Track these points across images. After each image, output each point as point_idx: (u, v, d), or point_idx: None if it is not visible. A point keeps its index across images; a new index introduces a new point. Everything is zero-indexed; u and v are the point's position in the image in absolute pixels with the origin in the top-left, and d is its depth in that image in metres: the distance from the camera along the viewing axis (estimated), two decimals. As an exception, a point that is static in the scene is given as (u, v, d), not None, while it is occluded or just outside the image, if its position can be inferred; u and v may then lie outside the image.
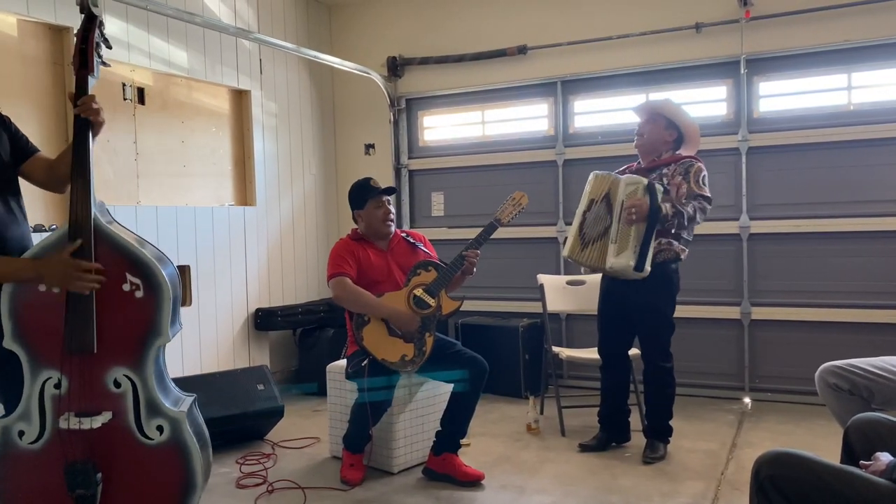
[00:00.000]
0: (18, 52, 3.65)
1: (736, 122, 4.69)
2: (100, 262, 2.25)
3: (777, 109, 4.66)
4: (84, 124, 2.28)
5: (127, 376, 2.32)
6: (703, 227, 3.71)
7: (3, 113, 2.46)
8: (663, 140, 3.61)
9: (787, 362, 4.59)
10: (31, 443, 2.30)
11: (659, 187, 3.43)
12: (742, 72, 4.60)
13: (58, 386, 2.28)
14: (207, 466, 2.44)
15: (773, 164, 4.61)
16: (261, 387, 4.00)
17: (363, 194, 3.52)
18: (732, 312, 4.71)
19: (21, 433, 2.30)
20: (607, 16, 4.92)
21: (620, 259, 3.38)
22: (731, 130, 4.68)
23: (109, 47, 2.44)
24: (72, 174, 2.27)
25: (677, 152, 3.63)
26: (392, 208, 3.53)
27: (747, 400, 4.61)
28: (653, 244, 3.39)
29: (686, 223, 3.42)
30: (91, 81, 2.33)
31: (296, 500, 3.17)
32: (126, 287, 2.28)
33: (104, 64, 2.41)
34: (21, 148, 2.44)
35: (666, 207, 3.38)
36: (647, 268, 3.37)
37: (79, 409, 2.28)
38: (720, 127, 4.70)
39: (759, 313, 4.65)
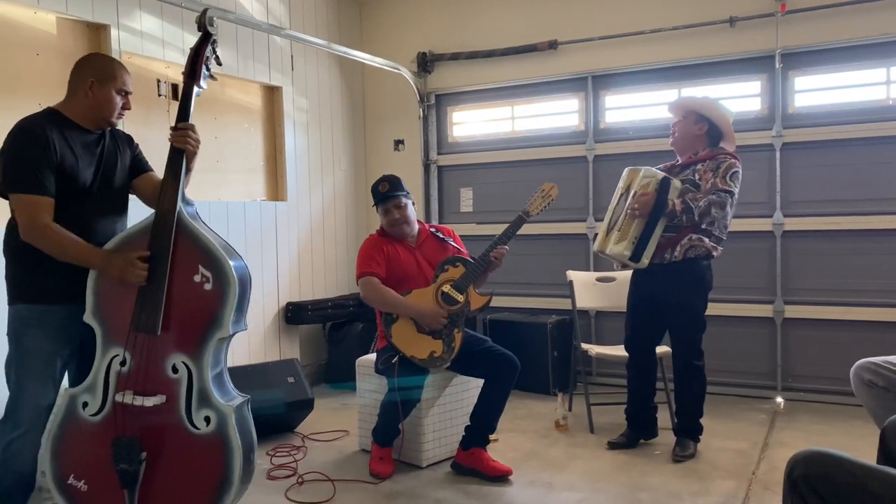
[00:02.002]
0: (57, 49, 3.72)
1: (770, 117, 4.61)
2: (177, 251, 2.43)
3: (813, 105, 4.58)
4: (177, 151, 2.51)
5: (185, 363, 2.43)
6: (735, 224, 3.66)
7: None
8: (693, 135, 3.56)
9: (821, 362, 4.52)
10: (93, 414, 2.44)
11: (676, 183, 3.40)
12: (777, 66, 4.53)
13: (123, 364, 2.42)
14: (248, 469, 2.47)
15: (808, 161, 4.53)
16: (291, 379, 4.05)
17: (374, 200, 3.56)
18: (765, 311, 4.65)
19: (85, 404, 2.45)
20: (639, 10, 4.87)
21: (617, 247, 3.41)
22: (766, 126, 4.61)
23: (220, 64, 2.69)
24: (164, 173, 2.51)
25: (717, 148, 3.58)
26: (401, 212, 3.49)
27: (780, 399, 4.55)
28: (655, 238, 3.39)
29: (697, 218, 3.37)
30: (197, 91, 2.57)
31: (325, 493, 3.21)
32: (197, 278, 2.43)
33: (212, 78, 2.63)
34: (138, 165, 2.74)
35: (675, 203, 3.36)
36: (646, 260, 3.40)
37: (137, 389, 2.41)
38: (754, 123, 4.63)
39: (793, 311, 4.58)
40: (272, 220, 5.00)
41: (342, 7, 5.68)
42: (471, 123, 5.74)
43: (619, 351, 4.03)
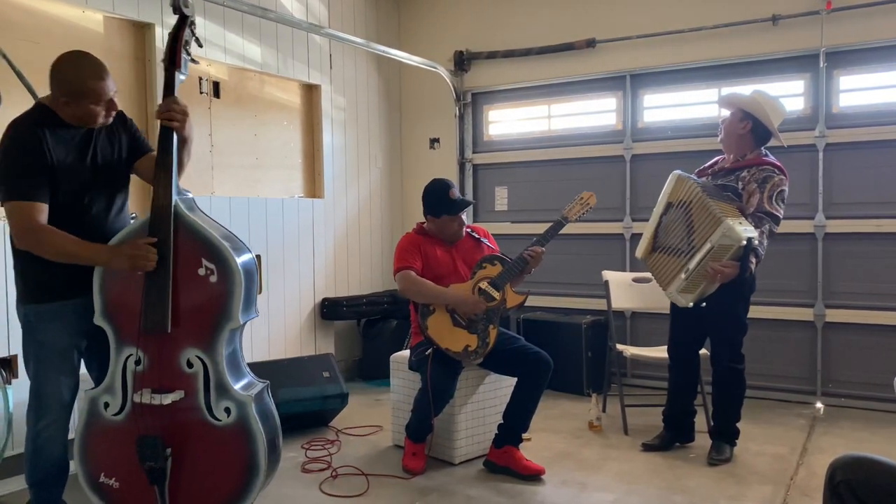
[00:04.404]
0: (104, 48, 3.81)
1: (813, 117, 4.53)
2: (178, 247, 2.38)
3: (858, 104, 4.48)
4: (166, 131, 2.44)
5: (199, 357, 2.42)
6: (775, 226, 3.61)
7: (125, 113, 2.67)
8: (737, 133, 3.49)
9: (863, 367, 4.42)
10: (115, 414, 2.46)
11: (755, 241, 3.27)
12: (821, 65, 4.44)
13: (138, 363, 2.42)
14: (274, 453, 2.50)
15: (852, 162, 4.43)
16: (326, 374, 4.09)
17: (440, 207, 3.51)
18: (805, 314, 4.56)
19: (106, 405, 2.47)
20: (679, 8, 4.81)
21: (680, 298, 3.39)
22: (808, 126, 4.52)
23: (200, 45, 2.56)
24: (155, 166, 2.44)
25: (765, 147, 3.51)
26: (464, 216, 3.56)
27: (819, 405, 4.47)
28: None
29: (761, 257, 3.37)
30: (179, 78, 2.48)
31: (359, 486, 3.24)
32: (201, 271, 2.40)
33: (193, 61, 2.54)
34: (138, 147, 2.63)
35: (752, 267, 3.30)
36: (703, 304, 3.41)
37: (154, 386, 2.41)
38: (797, 123, 4.53)
39: (834, 315, 4.49)
40: (309, 216, 5.06)
41: (380, 6, 5.72)
42: (507, 122, 5.73)
43: (655, 352, 4.00)
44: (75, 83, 2.37)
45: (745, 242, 3.21)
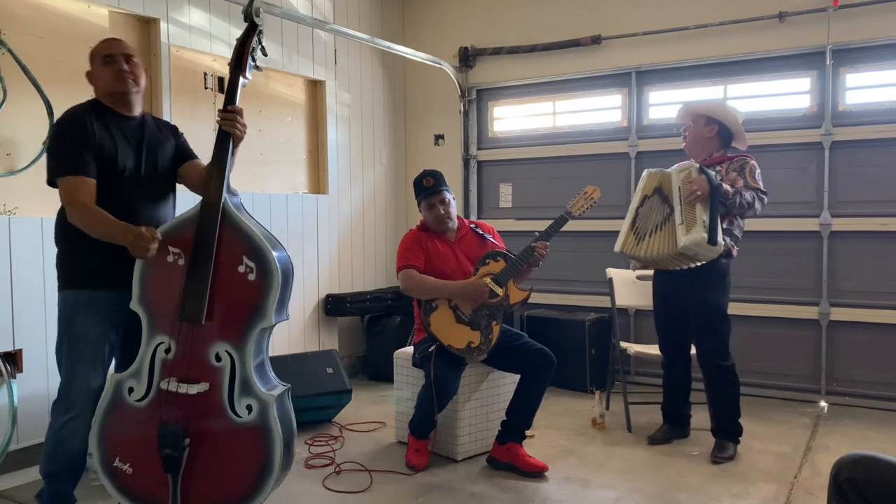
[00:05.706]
0: (109, 42, 3.81)
1: (819, 115, 4.51)
2: (222, 243, 2.47)
3: (864, 102, 4.45)
4: (224, 134, 2.55)
5: (228, 352, 2.47)
6: (781, 224, 3.59)
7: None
8: (704, 137, 3.58)
9: (867, 366, 4.41)
10: (138, 400, 2.50)
11: (711, 172, 3.37)
12: (828, 63, 4.42)
13: (168, 351, 2.48)
14: (288, 456, 2.52)
15: (858, 160, 4.41)
16: (330, 370, 4.10)
17: (417, 196, 3.59)
18: (810, 312, 4.54)
19: (130, 389, 2.51)
20: (685, 4, 4.79)
21: (692, 235, 3.28)
22: (814, 124, 4.50)
23: (265, 55, 2.72)
24: (210, 163, 2.55)
25: (730, 149, 3.58)
26: (445, 207, 3.53)
27: (823, 403, 4.45)
28: (718, 220, 3.30)
29: (747, 207, 3.37)
30: (243, 82, 2.62)
31: (362, 482, 3.24)
32: (241, 269, 2.47)
33: (257, 68, 2.68)
34: (184, 153, 2.81)
35: (726, 188, 3.35)
36: (720, 241, 3.30)
37: (181, 376, 2.46)
38: (802, 120, 4.53)
39: (839, 314, 4.47)
40: (314, 212, 5.06)
41: (385, 2, 5.71)
42: (511, 119, 5.72)
43: (658, 350, 3.99)
44: (92, 50, 2.66)
45: (697, 164, 3.39)
